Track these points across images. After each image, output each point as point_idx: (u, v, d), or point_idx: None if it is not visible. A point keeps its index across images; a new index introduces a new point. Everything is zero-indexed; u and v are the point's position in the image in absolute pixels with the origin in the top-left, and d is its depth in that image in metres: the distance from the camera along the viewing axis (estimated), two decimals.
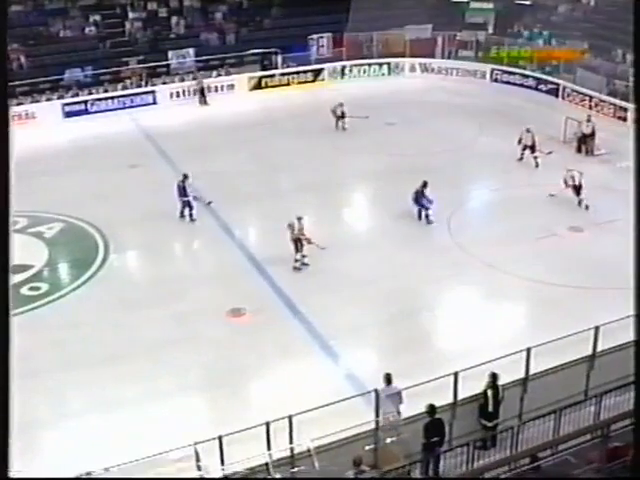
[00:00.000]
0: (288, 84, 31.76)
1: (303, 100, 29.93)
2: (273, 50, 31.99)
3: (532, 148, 22.20)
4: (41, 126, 26.54)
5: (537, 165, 22.00)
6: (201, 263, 17.82)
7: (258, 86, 31.37)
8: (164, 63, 31.91)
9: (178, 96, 30.17)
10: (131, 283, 16.57)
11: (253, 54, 32.44)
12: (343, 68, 32.72)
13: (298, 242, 16.38)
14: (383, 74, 32.93)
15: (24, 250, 17.43)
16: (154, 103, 29.67)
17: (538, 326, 13.74)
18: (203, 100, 30.08)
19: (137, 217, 19.34)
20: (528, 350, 11.31)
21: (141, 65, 31.54)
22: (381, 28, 33.27)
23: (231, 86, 30.93)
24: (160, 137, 25.59)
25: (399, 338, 13.89)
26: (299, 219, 16.45)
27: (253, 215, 20.01)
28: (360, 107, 28.25)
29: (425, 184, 18.29)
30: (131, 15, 34.09)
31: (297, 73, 32.07)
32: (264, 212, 19.86)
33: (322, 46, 33.36)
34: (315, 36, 33.12)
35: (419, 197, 18.31)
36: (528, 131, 22.39)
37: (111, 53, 32.12)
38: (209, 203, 19.36)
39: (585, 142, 23.33)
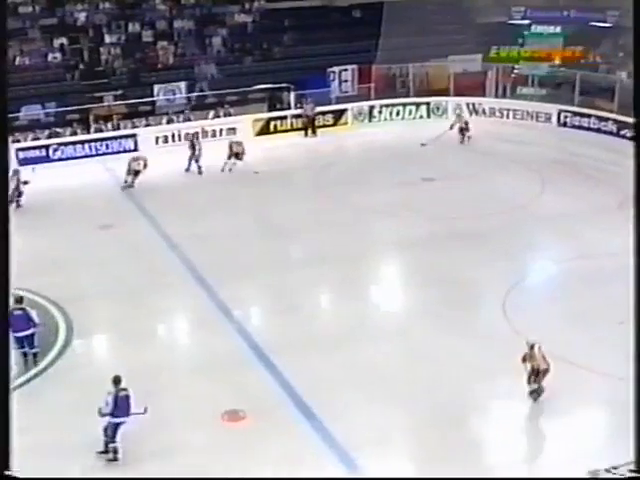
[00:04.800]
0: (303, 128, 32.40)
1: (321, 148, 30.46)
2: (284, 85, 32.70)
3: None
4: None
5: None
6: (190, 352, 17.87)
7: (265, 130, 32.03)
8: (148, 100, 32.73)
9: (165, 141, 30.87)
10: (99, 378, 16.04)
11: (260, 90, 33.15)
12: (371, 109, 33.40)
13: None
14: (421, 117, 33.56)
15: None
16: (135, 149, 30.19)
17: (623, 439, 13.64)
18: (312, 130, 31.62)
19: (109, 291, 19.58)
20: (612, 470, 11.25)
21: (119, 102, 32.32)
22: (419, 59, 34.10)
23: (232, 130, 31.51)
24: (141, 191, 26.13)
25: (438, 448, 13.83)
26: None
27: (255, 291, 20.17)
28: (391, 157, 28.77)
29: None
30: (108, 39, 34.95)
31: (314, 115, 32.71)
32: (269, 288, 20.07)
33: (345, 81, 34.13)
34: (336, 69, 33.93)
35: None
36: None
37: (81, 86, 32.95)
38: None
39: None
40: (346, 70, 34.00)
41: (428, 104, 33.53)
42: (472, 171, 27.14)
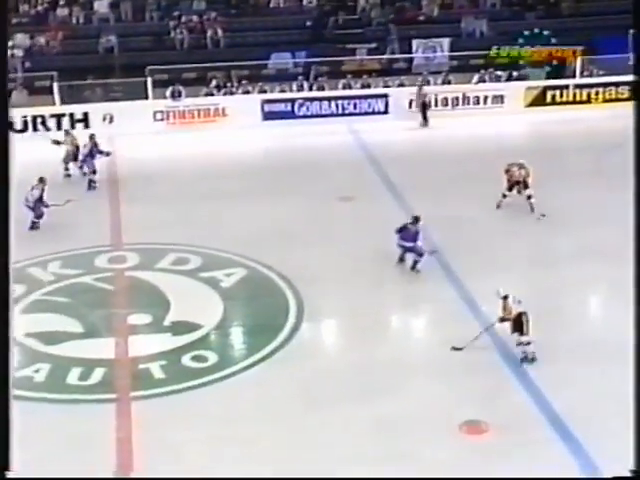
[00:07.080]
0: (588, 101, 32.00)
1: (610, 127, 29.76)
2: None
3: None
4: (232, 128, 28.75)
5: None
6: (429, 349, 18.14)
7: (540, 101, 31.87)
8: (404, 56, 33.42)
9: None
10: (323, 368, 17.00)
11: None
12: None
13: None
14: None
15: (193, 302, 18.99)
16: (385, 112, 31.15)
17: None
18: (423, 118, 30.84)
19: (344, 271, 20.25)
20: None
21: (371, 57, 33.11)
22: None
23: (499, 98, 31.70)
24: (388, 161, 26.75)
25: None
26: None
27: (510, 286, 19.51)
28: None
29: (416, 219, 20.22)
30: None
31: (604, 85, 32.04)
32: (527, 284, 19.90)
33: None
34: None
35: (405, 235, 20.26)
36: None
37: (333, 35, 33.98)
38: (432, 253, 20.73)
39: None
40: None
41: None
42: None
